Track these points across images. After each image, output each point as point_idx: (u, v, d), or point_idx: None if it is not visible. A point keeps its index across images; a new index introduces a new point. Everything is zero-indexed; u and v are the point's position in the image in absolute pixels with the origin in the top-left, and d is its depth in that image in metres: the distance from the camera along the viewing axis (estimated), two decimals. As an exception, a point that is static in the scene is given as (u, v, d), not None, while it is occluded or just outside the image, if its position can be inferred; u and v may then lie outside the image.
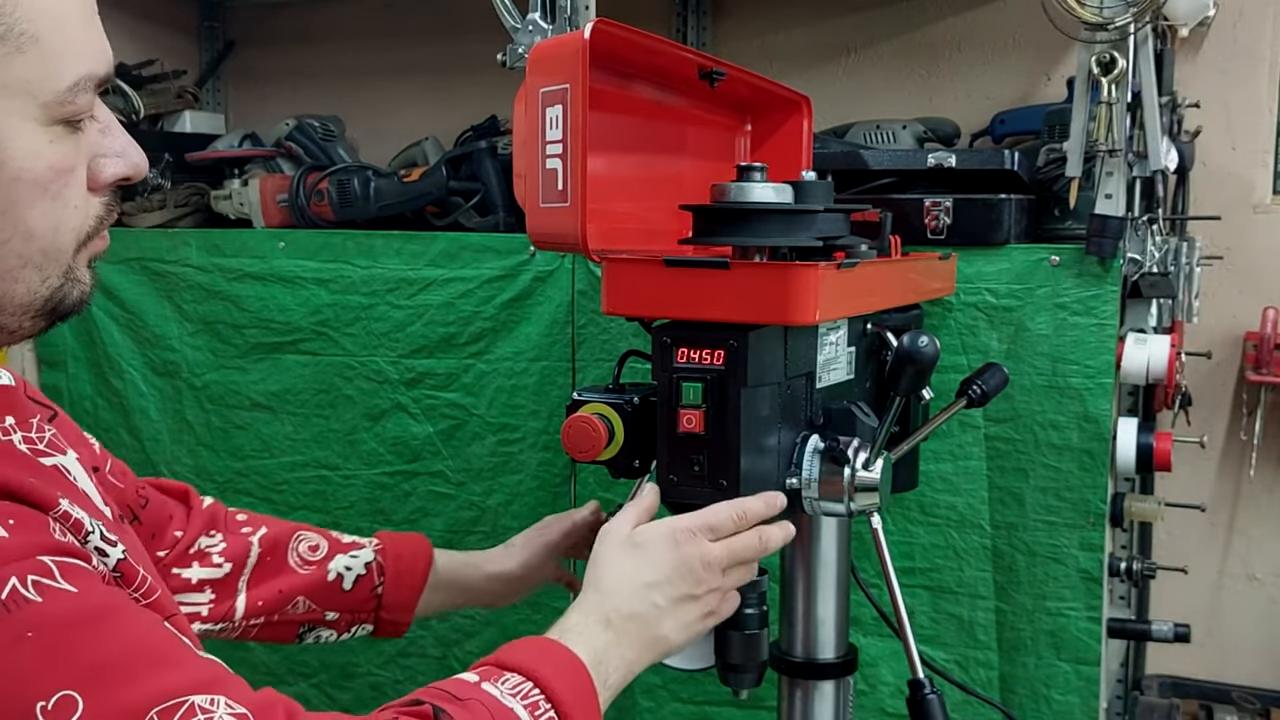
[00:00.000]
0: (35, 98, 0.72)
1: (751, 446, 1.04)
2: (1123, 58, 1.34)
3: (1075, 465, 1.45)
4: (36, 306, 0.77)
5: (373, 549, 1.23)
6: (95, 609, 0.69)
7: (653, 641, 0.97)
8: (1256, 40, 1.96)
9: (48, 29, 0.72)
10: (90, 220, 0.79)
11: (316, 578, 1.19)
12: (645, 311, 1.10)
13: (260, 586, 1.18)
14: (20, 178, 0.73)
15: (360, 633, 1.24)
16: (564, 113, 0.98)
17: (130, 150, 0.81)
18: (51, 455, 0.81)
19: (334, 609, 1.21)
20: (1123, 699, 2.00)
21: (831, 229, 1.10)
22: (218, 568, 1.16)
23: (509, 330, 1.68)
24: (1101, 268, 1.41)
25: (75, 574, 0.69)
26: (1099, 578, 1.46)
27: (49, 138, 0.74)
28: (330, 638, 1.22)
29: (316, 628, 1.21)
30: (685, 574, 0.98)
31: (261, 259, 1.81)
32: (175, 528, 1.15)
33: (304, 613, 1.19)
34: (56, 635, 0.66)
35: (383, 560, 1.23)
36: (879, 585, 1.33)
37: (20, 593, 0.66)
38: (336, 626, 1.22)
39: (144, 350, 1.91)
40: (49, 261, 0.76)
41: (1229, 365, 2.03)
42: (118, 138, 0.80)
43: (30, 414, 0.82)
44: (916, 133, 1.87)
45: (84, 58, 0.75)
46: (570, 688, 0.87)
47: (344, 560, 1.21)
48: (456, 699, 0.82)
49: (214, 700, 0.69)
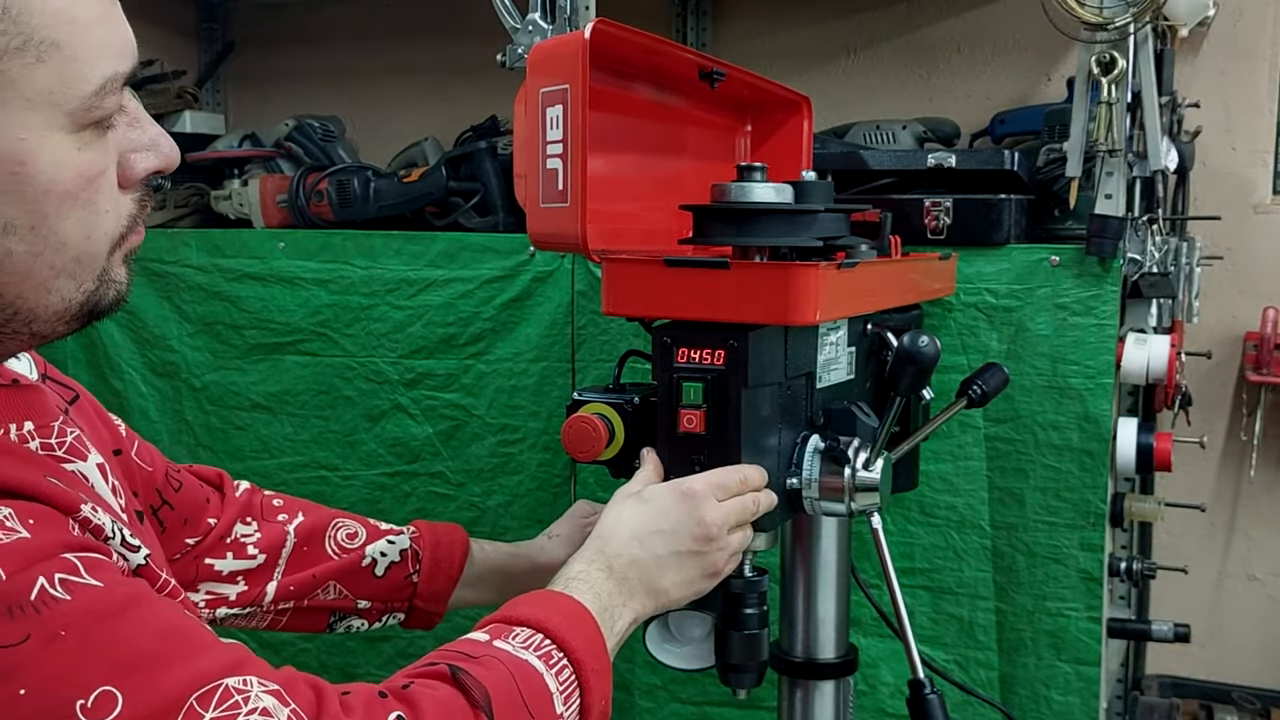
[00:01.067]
0: (60, 107, 0.69)
1: (752, 446, 1.04)
2: (1123, 58, 1.34)
3: (1075, 465, 1.45)
4: (72, 313, 0.75)
5: (409, 536, 1.20)
6: (122, 600, 0.68)
7: (654, 591, 0.97)
8: (1256, 40, 1.96)
9: (68, 33, 0.69)
10: (123, 220, 0.76)
11: (350, 563, 1.16)
12: (645, 311, 1.10)
13: (294, 574, 1.14)
14: (50, 190, 0.70)
15: (391, 621, 1.20)
16: (564, 113, 0.98)
17: (161, 141, 0.77)
18: (71, 461, 0.80)
19: (366, 596, 1.17)
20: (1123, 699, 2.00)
21: (832, 229, 1.10)
22: (252, 559, 1.13)
23: (509, 331, 1.68)
24: (1101, 268, 1.41)
25: (98, 568, 0.69)
26: (1099, 578, 1.46)
27: (77, 145, 0.71)
28: (361, 627, 1.19)
29: (348, 616, 1.18)
30: (691, 528, 0.98)
31: (261, 259, 1.81)
32: (210, 514, 1.12)
33: (335, 599, 1.16)
34: (89, 631, 0.66)
35: (419, 548, 1.19)
36: (879, 585, 1.33)
37: (49, 592, 0.65)
38: (368, 615, 1.18)
39: (143, 351, 1.91)
40: (83, 269, 0.74)
41: (1229, 365, 2.03)
42: (147, 129, 0.77)
43: (52, 417, 0.80)
44: (916, 133, 1.87)
45: (108, 57, 0.71)
46: (580, 636, 0.87)
47: (380, 546, 1.18)
48: (471, 657, 0.81)
49: (246, 680, 0.70)
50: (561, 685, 0.84)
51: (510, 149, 1.75)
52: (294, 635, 1.84)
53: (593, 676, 0.86)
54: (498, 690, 0.79)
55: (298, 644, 1.85)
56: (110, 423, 0.99)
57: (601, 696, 0.87)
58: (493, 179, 1.77)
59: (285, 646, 1.85)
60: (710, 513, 0.98)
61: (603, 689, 0.87)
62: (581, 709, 0.85)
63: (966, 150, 1.86)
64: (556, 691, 0.83)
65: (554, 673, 0.84)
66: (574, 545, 1.21)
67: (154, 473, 1.04)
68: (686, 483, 1.00)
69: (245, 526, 1.14)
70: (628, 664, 1.64)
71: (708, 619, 1.11)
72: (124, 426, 1.02)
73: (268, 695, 0.70)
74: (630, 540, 0.97)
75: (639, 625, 0.99)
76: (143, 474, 1.01)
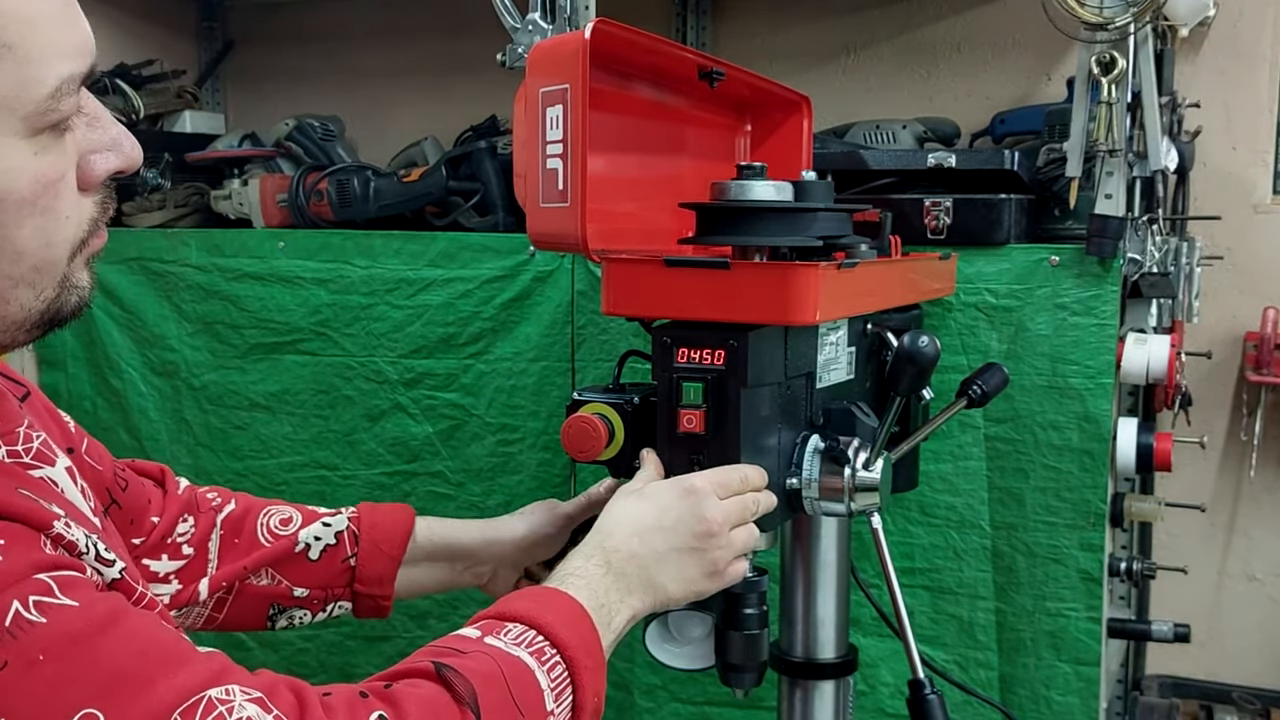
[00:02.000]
0: (14, 111, 0.66)
1: (751, 446, 1.04)
2: (1123, 58, 1.34)
3: (1075, 465, 1.45)
4: (33, 321, 0.73)
5: (347, 517, 1.15)
6: (100, 620, 0.67)
7: (653, 588, 0.96)
8: (1256, 40, 1.96)
9: (20, 34, 0.66)
10: (84, 225, 0.73)
11: (283, 549, 1.11)
12: (645, 311, 1.10)
13: (226, 567, 1.10)
14: (5, 199, 0.67)
15: (338, 612, 1.15)
16: (564, 113, 0.98)
17: (122, 140, 0.74)
18: (39, 467, 0.77)
19: (302, 584, 1.12)
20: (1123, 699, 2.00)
21: (832, 228, 1.10)
22: (185, 558, 1.09)
23: (508, 330, 1.68)
24: (1101, 268, 1.41)
25: (73, 587, 0.67)
26: (1099, 578, 1.46)
27: (33, 150, 0.68)
28: (305, 618, 1.14)
29: (288, 608, 1.13)
30: (692, 525, 0.97)
31: (261, 259, 1.81)
32: (152, 513, 1.08)
33: (269, 585, 1.11)
34: (67, 654, 0.64)
35: (356, 529, 1.14)
36: (879, 585, 1.33)
37: (24, 616, 0.64)
38: (309, 605, 1.13)
39: (143, 350, 1.91)
40: (42, 277, 0.71)
41: (1229, 365, 2.03)
42: (108, 129, 0.74)
43: (15, 421, 0.78)
44: (916, 133, 1.87)
45: (64, 57, 0.68)
46: (574, 633, 0.86)
47: (314, 530, 1.13)
48: (460, 653, 0.81)
49: (229, 690, 0.69)
50: (553, 682, 0.83)
51: (510, 149, 1.75)
52: (294, 635, 1.85)
53: (585, 674, 0.85)
54: (485, 686, 0.78)
55: (297, 644, 1.85)
56: (60, 419, 0.96)
57: (595, 694, 0.86)
58: (493, 179, 1.76)
59: (285, 646, 1.85)
60: (711, 510, 0.98)
61: (596, 686, 0.86)
62: (574, 706, 0.84)
63: (966, 150, 1.86)
64: (547, 688, 0.82)
65: (545, 669, 0.83)
66: (538, 521, 1.19)
67: (103, 472, 1.01)
68: (688, 480, 1.00)
69: (183, 524, 1.11)
70: (627, 664, 1.64)
71: (707, 619, 1.11)
72: (73, 423, 0.99)
73: (251, 704, 0.70)
74: (630, 536, 0.96)
75: (639, 624, 0.99)
76: (93, 473, 0.98)
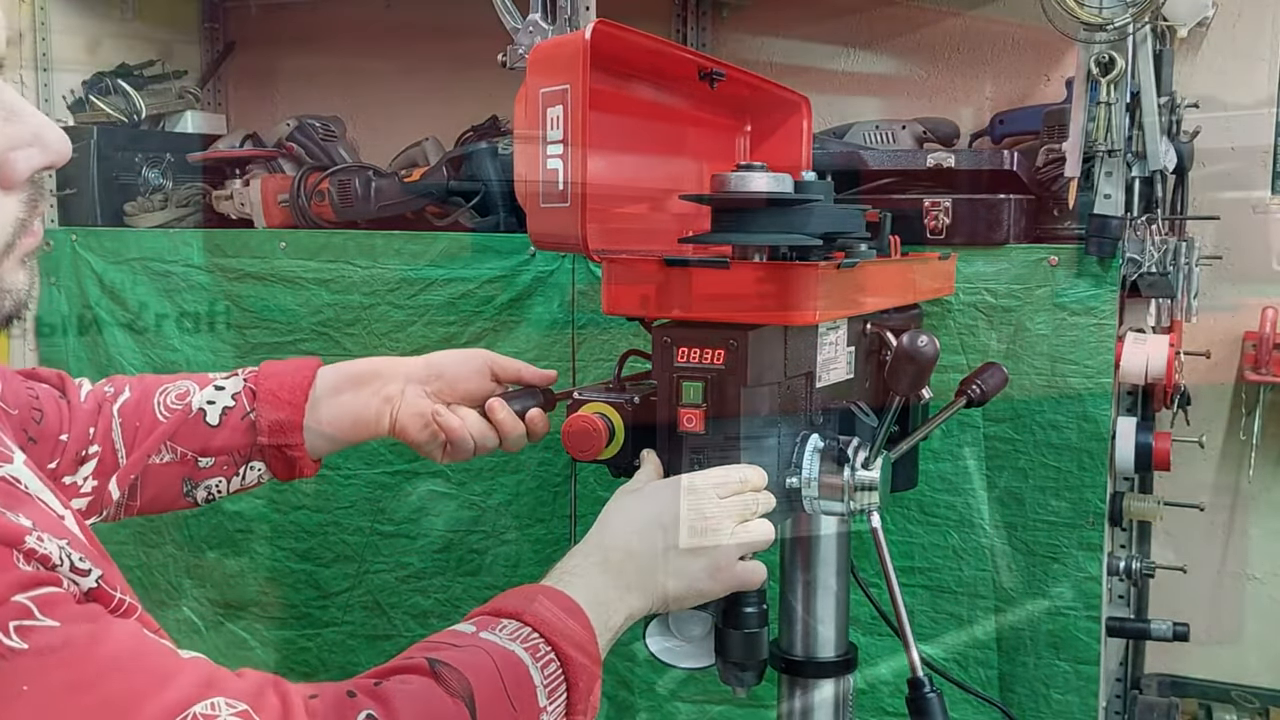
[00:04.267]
0: None
1: (751, 445, 1.04)
2: (1122, 58, 1.34)
3: (1074, 465, 1.45)
4: None
5: (243, 377, 1.09)
6: (83, 640, 0.65)
7: (651, 586, 0.96)
8: (1256, 40, 1.96)
9: None
10: (9, 227, 0.67)
11: (177, 420, 1.05)
12: (645, 311, 1.10)
13: (133, 455, 1.05)
14: None
15: (258, 478, 1.09)
16: (564, 113, 0.98)
17: (45, 132, 0.68)
18: None
19: (206, 452, 1.06)
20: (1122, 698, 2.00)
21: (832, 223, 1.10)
22: (94, 457, 1.03)
23: (509, 330, 1.68)
24: (1100, 267, 1.41)
25: (52, 605, 0.64)
26: (1098, 577, 1.46)
27: None
28: (221, 486, 1.08)
29: (200, 480, 1.07)
30: (690, 523, 0.98)
31: (262, 259, 1.81)
32: (62, 430, 1.02)
33: (173, 461, 1.05)
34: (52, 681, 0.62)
35: (254, 386, 1.08)
36: (879, 585, 1.33)
37: (6, 644, 0.60)
38: (221, 472, 1.07)
39: (145, 350, 1.91)
40: None
41: (1228, 365, 2.03)
42: (28, 122, 0.67)
43: None
44: (916, 133, 1.87)
45: None
46: (570, 630, 0.86)
47: (207, 394, 1.07)
48: (455, 647, 0.80)
49: (214, 704, 0.67)
50: (547, 679, 0.83)
51: (510, 149, 1.76)
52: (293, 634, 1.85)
53: (581, 671, 0.85)
54: (480, 680, 0.78)
55: (298, 642, 1.85)
56: None
57: (590, 692, 0.86)
58: (493, 179, 1.77)
59: (285, 645, 1.85)
60: (711, 508, 0.99)
61: (591, 684, 0.86)
62: (568, 704, 0.84)
63: (966, 150, 1.86)
64: (541, 684, 0.82)
65: (540, 665, 0.82)
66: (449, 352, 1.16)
67: (18, 415, 0.96)
68: (687, 479, 1.01)
69: (91, 430, 1.06)
70: (627, 663, 1.64)
71: (707, 618, 1.11)
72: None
73: (235, 718, 0.68)
74: (629, 534, 0.97)
75: (639, 622, 0.99)
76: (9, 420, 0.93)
